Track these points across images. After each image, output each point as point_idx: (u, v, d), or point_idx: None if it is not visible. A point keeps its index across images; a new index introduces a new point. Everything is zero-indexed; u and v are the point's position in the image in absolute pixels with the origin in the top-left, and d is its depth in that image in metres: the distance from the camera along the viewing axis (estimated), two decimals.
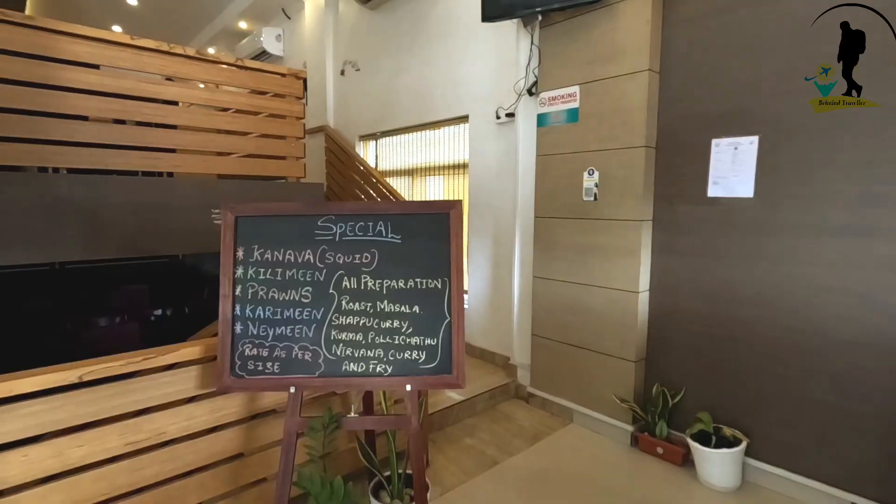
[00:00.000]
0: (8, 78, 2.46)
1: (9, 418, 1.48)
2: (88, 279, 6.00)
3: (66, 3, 6.73)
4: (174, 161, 3.08)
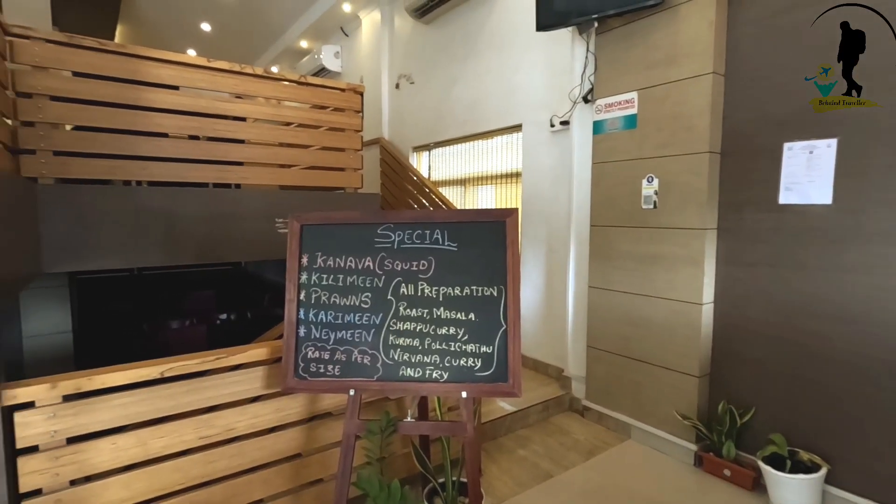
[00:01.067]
0: (102, 100, 2.71)
1: (103, 408, 1.62)
2: (162, 284, 6.44)
3: (149, 30, 7.35)
4: (242, 173, 3.27)
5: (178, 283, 6.53)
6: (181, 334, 5.95)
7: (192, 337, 5.84)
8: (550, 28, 3.13)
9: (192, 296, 6.63)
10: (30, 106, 2.47)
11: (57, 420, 1.55)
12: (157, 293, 6.33)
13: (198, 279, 6.73)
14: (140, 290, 6.15)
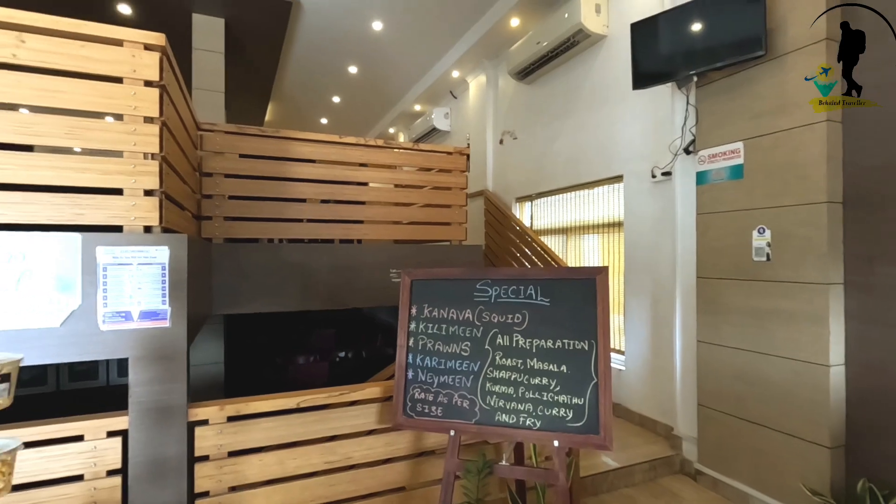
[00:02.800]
0: (259, 175, 3.36)
1: (254, 430, 2.00)
2: (290, 323, 7.27)
3: (291, 105, 8.70)
4: (363, 230, 3.75)
5: (304, 322, 7.35)
6: (307, 369, 6.64)
7: (316, 372, 6.49)
8: (647, 86, 3.23)
9: (316, 334, 7.40)
10: (210, 183, 3.16)
11: (223, 436, 1.95)
12: (287, 331, 7.17)
13: (320, 319, 7.51)
14: (273, 328, 7.02)
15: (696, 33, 2.97)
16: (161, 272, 1.84)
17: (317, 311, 7.85)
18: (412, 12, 5.39)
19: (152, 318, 1.82)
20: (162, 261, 1.84)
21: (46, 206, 1.77)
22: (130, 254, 1.80)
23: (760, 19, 2.66)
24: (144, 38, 1.91)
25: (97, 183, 1.85)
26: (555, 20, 4.52)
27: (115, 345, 1.78)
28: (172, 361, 1.86)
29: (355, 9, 5.27)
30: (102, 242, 1.77)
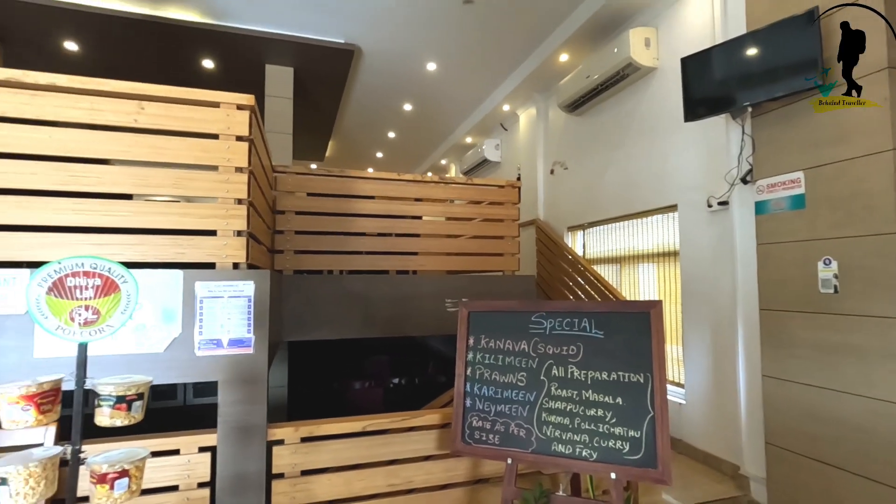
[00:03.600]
0: (324, 211, 3.63)
1: (324, 451, 2.15)
2: (346, 349, 7.52)
3: (350, 142, 9.22)
4: (418, 261, 3.93)
5: (359, 348, 7.59)
6: (363, 394, 6.83)
7: (372, 397, 6.66)
8: (700, 118, 3.25)
9: (370, 361, 7.62)
10: (282, 219, 3.46)
11: (297, 455, 2.12)
12: (343, 357, 7.43)
13: (374, 346, 7.73)
14: (330, 354, 7.30)
15: (751, 65, 2.98)
16: (247, 304, 2.06)
17: (371, 339, 8.11)
18: (465, 53, 5.67)
19: (239, 346, 2.04)
20: (248, 294, 2.07)
21: (154, 246, 2.05)
22: (222, 288, 2.04)
23: (817, 49, 2.65)
24: (237, 100, 2.20)
25: (196, 226, 2.12)
26: (604, 55, 4.63)
27: (207, 369, 2.00)
28: (255, 385, 2.06)
29: (411, 52, 5.62)
30: (200, 278, 2.03)
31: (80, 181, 2.00)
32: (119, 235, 2.02)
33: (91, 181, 2.01)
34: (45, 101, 1.99)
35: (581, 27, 4.72)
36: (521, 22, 4.95)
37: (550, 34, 5.20)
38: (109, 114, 2.04)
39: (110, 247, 1.99)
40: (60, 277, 1.25)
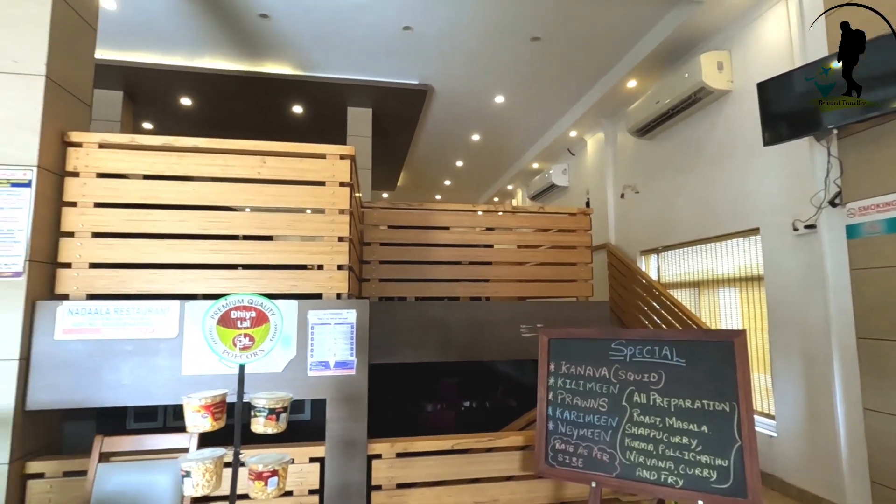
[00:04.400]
0: (405, 242, 3.90)
1: (416, 466, 2.34)
2: (416, 371, 7.75)
3: (420, 171, 9.66)
4: (492, 288, 4.09)
5: (428, 371, 7.80)
6: (435, 416, 7.00)
7: (445, 419, 6.82)
8: (780, 142, 3.20)
9: (440, 383, 7.79)
10: (368, 250, 3.77)
11: (393, 469, 2.32)
12: (414, 379, 7.65)
13: (443, 369, 7.91)
14: (402, 376, 7.56)
15: (837, 86, 2.92)
16: (350, 330, 2.33)
17: (440, 362, 8.30)
18: (532, 85, 5.88)
19: (344, 367, 2.30)
20: (351, 321, 2.33)
21: (274, 280, 2.38)
22: (329, 316, 2.32)
23: None
24: (339, 151, 2.52)
25: (306, 261, 2.44)
26: (674, 79, 4.65)
27: (317, 387, 2.27)
28: (357, 403, 2.31)
29: (480, 87, 5.92)
30: (311, 307, 2.32)
31: (216, 226, 2.38)
32: (246, 271, 2.38)
33: (224, 225, 2.39)
34: (189, 160, 2.40)
35: (650, 54, 4.77)
36: (588, 52, 5.09)
37: (618, 62, 5.29)
38: (238, 168, 2.43)
39: (240, 280, 2.35)
40: (227, 310, 1.56)
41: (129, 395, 2.16)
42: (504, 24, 4.59)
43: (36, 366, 2.09)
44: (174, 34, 4.77)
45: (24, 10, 2.21)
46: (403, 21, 4.54)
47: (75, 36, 2.43)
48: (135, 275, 2.29)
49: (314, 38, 4.82)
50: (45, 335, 2.11)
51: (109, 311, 2.17)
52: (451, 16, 4.47)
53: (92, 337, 2.15)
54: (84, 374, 2.12)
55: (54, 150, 2.26)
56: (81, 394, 2.11)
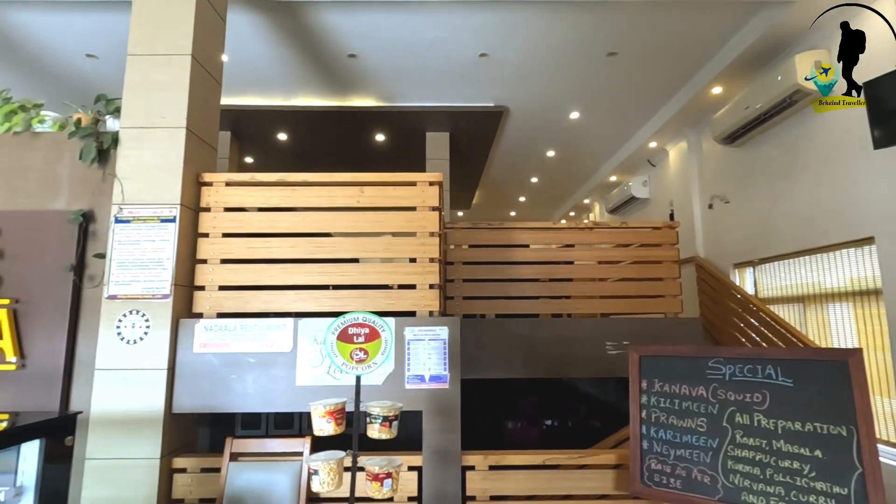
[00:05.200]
0: (486, 260, 4.01)
1: (508, 479, 2.41)
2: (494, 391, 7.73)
3: (495, 189, 9.80)
4: (574, 305, 4.07)
5: (508, 389, 7.76)
6: (517, 433, 6.96)
7: (527, 437, 6.77)
8: (894, 144, 2.95)
9: (520, 401, 7.73)
10: (452, 269, 3.93)
11: (486, 482, 2.40)
12: (493, 397, 7.64)
13: (523, 387, 7.84)
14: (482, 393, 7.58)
15: None
16: (443, 346, 2.47)
17: (520, 380, 8.24)
18: (608, 99, 5.83)
19: (438, 381, 2.44)
20: (443, 337, 2.48)
21: (373, 299, 2.59)
22: (423, 332, 2.48)
23: None
24: (429, 178, 2.71)
25: (401, 281, 2.63)
26: (765, 83, 4.42)
27: (414, 399, 2.43)
28: (450, 416, 2.43)
29: (555, 105, 5.97)
30: (407, 324, 2.49)
31: (322, 250, 2.64)
32: (348, 291, 2.61)
33: (328, 250, 2.65)
34: (299, 193, 2.71)
35: (736, 59, 4.58)
36: (667, 62, 4.99)
37: (701, 69, 5.12)
38: (340, 198, 2.69)
39: (343, 300, 2.58)
40: (345, 327, 1.76)
41: (252, 402, 2.44)
42: (579, 42, 4.64)
43: (179, 375, 2.44)
44: (274, 78, 5.32)
45: (169, 76, 2.64)
46: (480, 49, 4.74)
47: (206, 91, 2.84)
48: (255, 295, 2.60)
49: (396, 71, 5.16)
50: (186, 348, 2.46)
51: (236, 327, 2.48)
52: (527, 39, 4.60)
53: (222, 350, 2.46)
54: (217, 383, 2.44)
55: (191, 190, 2.65)
56: (216, 400, 2.42)
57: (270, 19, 4.29)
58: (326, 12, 4.16)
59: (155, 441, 2.33)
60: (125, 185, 2.53)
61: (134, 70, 2.65)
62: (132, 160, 2.56)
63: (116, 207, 2.51)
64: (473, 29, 4.45)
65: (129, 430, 2.34)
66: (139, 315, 2.42)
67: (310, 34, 4.50)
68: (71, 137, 2.59)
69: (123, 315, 2.42)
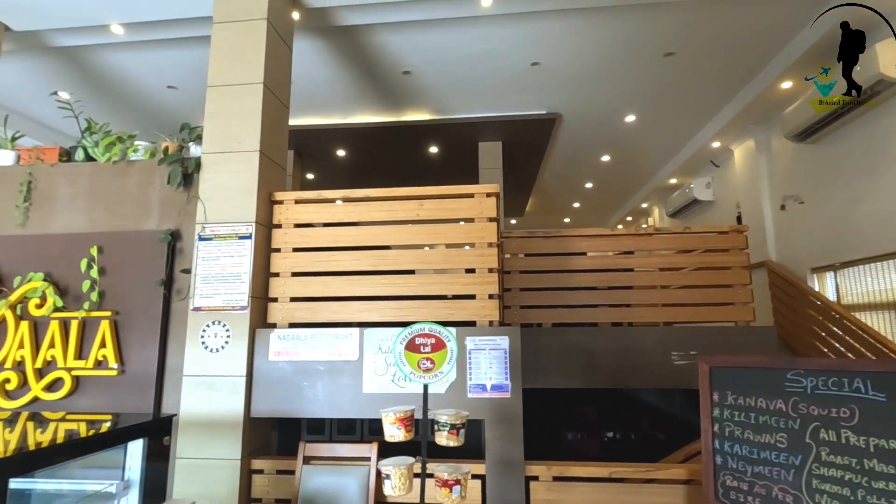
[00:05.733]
0: (543, 269, 3.99)
1: (573, 491, 2.38)
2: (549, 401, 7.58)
3: (547, 195, 9.70)
4: (635, 313, 3.95)
5: (565, 398, 7.59)
6: (576, 445, 6.79)
7: (587, 449, 6.58)
8: None
9: (578, 412, 7.53)
10: (508, 279, 3.94)
11: (550, 493, 2.39)
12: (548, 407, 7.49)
13: (581, 397, 7.63)
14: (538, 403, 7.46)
15: None
16: (504, 355, 2.49)
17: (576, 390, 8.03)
18: (666, 100, 5.65)
19: (499, 391, 2.46)
20: (504, 347, 2.50)
21: (434, 309, 2.66)
22: (484, 342, 2.51)
23: None
24: (486, 189, 2.75)
25: (460, 291, 2.68)
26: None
27: (476, 408, 2.46)
28: (513, 425, 2.44)
29: (610, 109, 5.86)
30: (468, 334, 2.54)
31: (384, 263, 2.75)
32: (409, 301, 2.70)
33: (390, 262, 2.75)
34: (362, 208, 2.83)
35: (807, 51, 4.33)
36: (729, 59, 4.78)
37: (767, 65, 4.86)
38: (401, 212, 2.79)
39: (405, 310, 2.67)
40: (413, 337, 1.83)
41: (322, 408, 2.56)
42: (634, 44, 4.55)
43: (256, 381, 2.61)
44: (332, 98, 5.59)
45: (243, 104, 2.86)
46: (532, 58, 4.76)
47: (276, 115, 3.05)
48: (324, 306, 2.74)
49: (449, 84, 5.27)
50: (262, 357, 2.63)
51: (306, 336, 2.63)
52: (579, 45, 4.57)
53: (294, 358, 2.61)
54: (290, 389, 2.58)
55: (265, 208, 2.84)
56: (289, 405, 2.57)
57: (330, 43, 4.53)
58: (383, 33, 4.33)
59: (236, 443, 2.50)
60: (207, 205, 2.76)
61: (213, 100, 2.89)
62: (212, 182, 2.79)
63: (200, 226, 2.74)
64: (525, 39, 4.48)
65: (212, 432, 2.53)
66: (221, 325, 2.62)
67: (366, 54, 4.70)
68: (160, 164, 2.86)
69: (207, 325, 2.63)
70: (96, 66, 4.91)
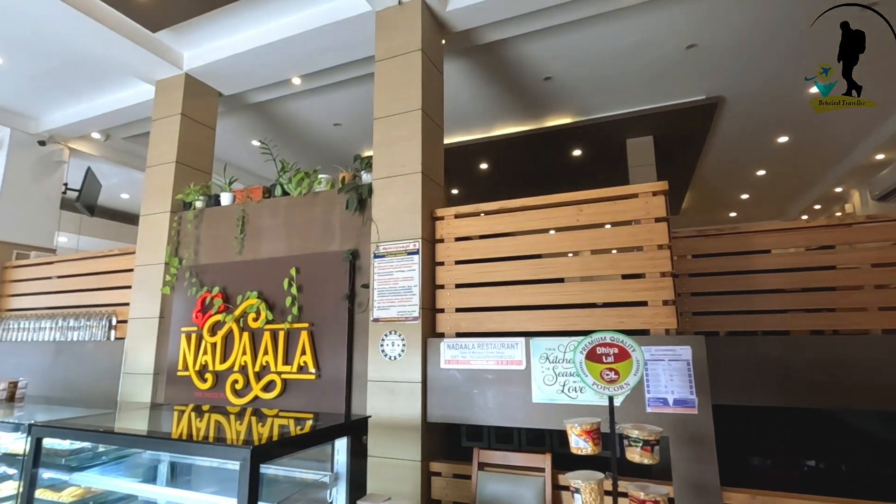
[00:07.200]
0: (718, 271, 3.56)
1: None
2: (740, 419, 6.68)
3: (706, 189, 8.71)
4: (843, 319, 3.29)
5: (750, 417, 6.61)
6: (767, 472, 5.89)
7: (781, 478, 5.66)
8: None
9: (764, 434, 6.51)
10: (679, 283, 3.59)
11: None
12: (733, 425, 6.59)
13: (769, 416, 6.58)
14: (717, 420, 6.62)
15: None
16: (687, 367, 2.28)
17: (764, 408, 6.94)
18: (865, 60, 4.68)
19: (683, 406, 2.25)
20: (686, 358, 2.28)
21: (601, 317, 2.55)
22: (661, 352, 2.33)
23: None
24: (651, 188, 2.57)
25: (630, 298, 2.53)
26: None
27: (657, 423, 2.26)
28: (704, 445, 2.21)
29: (786, 84, 5.06)
30: (642, 343, 2.37)
31: (545, 271, 2.73)
32: (574, 310, 2.63)
33: (551, 271, 2.72)
34: (520, 218, 2.86)
35: None
36: None
37: None
38: (560, 219, 2.75)
39: (569, 318, 2.61)
40: (593, 346, 1.79)
41: (492, 416, 2.62)
42: (812, 4, 3.87)
43: (431, 388, 2.78)
44: (475, 115, 5.78)
45: (405, 131, 3.11)
46: (686, 41, 4.35)
47: (433, 137, 3.25)
48: (488, 316, 2.81)
49: (592, 84, 5.08)
50: (434, 364, 2.80)
51: (474, 346, 2.72)
52: (744, 18, 4.05)
53: (464, 367, 2.72)
54: (461, 397, 2.70)
55: (428, 225, 3.03)
56: (461, 412, 2.68)
57: (473, 62, 4.70)
58: (523, 43, 4.36)
59: (415, 445, 2.68)
60: (379, 226, 3.05)
61: (379, 131, 3.20)
62: (383, 205, 3.08)
63: (374, 245, 3.04)
64: (676, 23, 4.11)
65: (394, 434, 2.75)
66: (397, 335, 2.85)
67: (507, 67, 4.77)
68: (340, 192, 3.24)
69: (385, 335, 2.88)
70: (279, 114, 5.79)
